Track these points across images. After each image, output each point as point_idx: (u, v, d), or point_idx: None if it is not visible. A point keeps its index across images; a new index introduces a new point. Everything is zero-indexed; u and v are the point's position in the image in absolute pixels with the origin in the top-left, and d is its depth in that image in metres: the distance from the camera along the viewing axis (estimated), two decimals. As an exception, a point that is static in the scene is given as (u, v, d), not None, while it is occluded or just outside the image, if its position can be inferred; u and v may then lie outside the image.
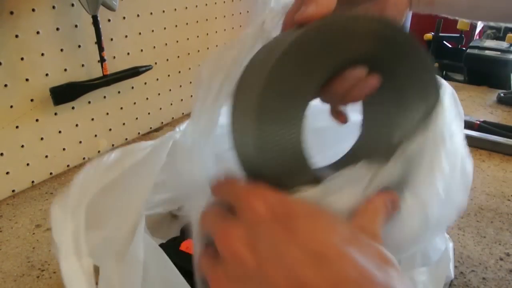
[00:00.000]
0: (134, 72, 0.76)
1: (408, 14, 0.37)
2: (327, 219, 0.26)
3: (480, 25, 2.46)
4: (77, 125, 0.72)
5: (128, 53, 0.77)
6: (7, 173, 0.64)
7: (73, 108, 0.70)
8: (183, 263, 0.37)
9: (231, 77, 0.30)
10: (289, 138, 0.28)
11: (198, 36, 0.93)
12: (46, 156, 0.68)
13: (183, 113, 0.95)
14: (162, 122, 0.90)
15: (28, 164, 0.66)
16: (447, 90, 0.34)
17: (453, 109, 0.34)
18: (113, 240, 0.35)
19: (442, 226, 0.37)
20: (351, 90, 0.31)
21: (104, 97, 0.76)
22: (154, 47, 0.83)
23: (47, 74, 0.65)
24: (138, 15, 0.77)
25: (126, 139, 0.83)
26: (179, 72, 0.91)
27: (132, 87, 0.81)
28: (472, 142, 0.38)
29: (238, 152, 0.29)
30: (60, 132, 0.70)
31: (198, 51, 0.94)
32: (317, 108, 0.33)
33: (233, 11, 1.02)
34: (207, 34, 0.95)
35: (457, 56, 2.08)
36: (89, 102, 0.73)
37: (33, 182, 0.68)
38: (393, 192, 0.30)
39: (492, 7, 0.37)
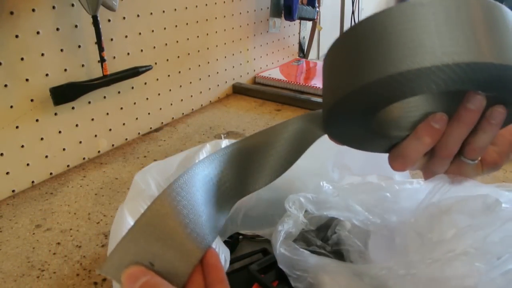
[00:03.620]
0: (134, 72, 0.76)
1: None
2: None
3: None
4: (77, 125, 0.72)
5: (128, 53, 0.77)
6: (7, 173, 0.64)
7: (73, 108, 0.70)
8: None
9: None
10: None
11: (198, 36, 0.93)
12: (46, 156, 0.68)
13: (183, 113, 0.95)
14: (162, 122, 0.90)
15: (28, 164, 0.66)
16: None
17: None
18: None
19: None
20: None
21: (104, 97, 0.76)
22: (154, 47, 0.83)
23: (47, 74, 0.65)
24: (138, 15, 0.77)
25: (126, 139, 0.83)
26: (179, 72, 0.91)
27: (132, 87, 0.81)
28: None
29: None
30: (60, 132, 0.69)
31: (198, 51, 0.94)
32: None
33: (233, 11, 1.02)
34: (207, 34, 0.95)
35: (457, 56, 2.08)
36: (89, 102, 0.73)
37: (33, 182, 0.68)
38: None
39: None
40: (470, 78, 0.26)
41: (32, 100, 0.64)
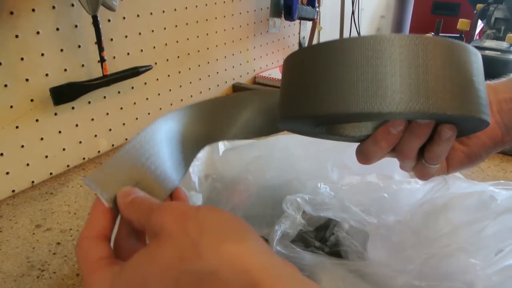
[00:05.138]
0: (134, 72, 0.76)
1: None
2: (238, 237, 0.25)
3: (480, 25, 2.46)
4: (77, 125, 0.72)
5: (128, 53, 0.78)
6: (7, 173, 0.64)
7: (73, 108, 0.71)
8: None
9: None
10: None
11: (198, 36, 0.93)
12: (46, 156, 0.69)
13: (183, 113, 0.95)
14: (162, 122, 0.90)
15: (28, 164, 0.66)
16: None
17: None
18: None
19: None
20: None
21: (104, 97, 0.76)
22: (154, 47, 0.83)
23: (47, 74, 0.65)
24: (138, 15, 0.78)
25: (126, 139, 0.83)
26: (179, 72, 0.91)
27: (132, 87, 0.81)
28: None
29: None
30: (60, 132, 0.70)
31: (198, 51, 0.94)
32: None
33: (233, 11, 1.02)
34: (207, 34, 0.96)
35: (457, 56, 2.07)
36: (89, 102, 0.73)
37: (33, 182, 0.68)
38: None
39: None
40: (422, 117, 0.29)
41: (32, 100, 0.64)
